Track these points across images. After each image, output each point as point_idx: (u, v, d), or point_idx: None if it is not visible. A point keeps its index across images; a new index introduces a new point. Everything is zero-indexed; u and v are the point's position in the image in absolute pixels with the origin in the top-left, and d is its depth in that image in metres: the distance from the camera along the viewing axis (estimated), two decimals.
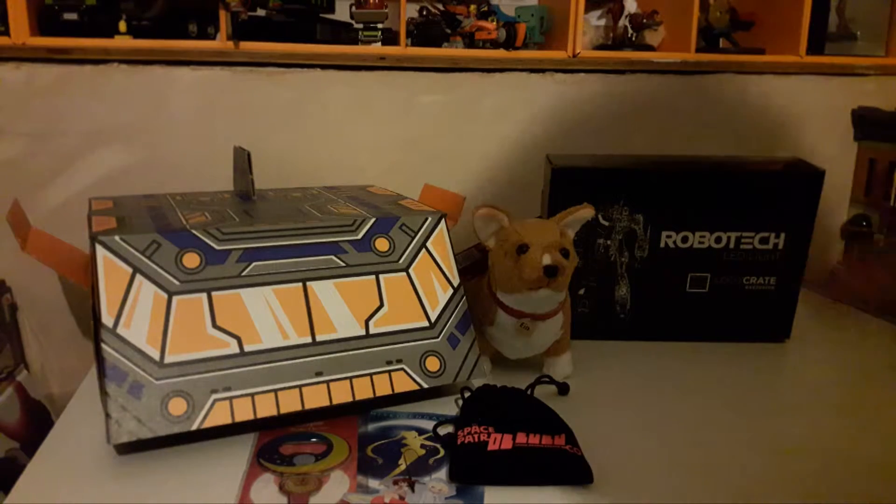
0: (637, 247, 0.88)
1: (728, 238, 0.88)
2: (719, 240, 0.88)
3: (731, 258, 0.89)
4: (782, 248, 0.88)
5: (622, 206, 0.87)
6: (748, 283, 0.90)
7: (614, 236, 0.88)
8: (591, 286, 0.90)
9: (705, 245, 0.88)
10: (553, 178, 0.87)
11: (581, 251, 0.87)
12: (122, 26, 0.99)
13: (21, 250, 0.69)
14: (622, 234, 0.88)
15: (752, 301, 0.90)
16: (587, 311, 0.91)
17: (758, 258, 0.89)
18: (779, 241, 0.88)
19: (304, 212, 0.77)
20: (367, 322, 0.69)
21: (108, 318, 0.61)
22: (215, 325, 0.64)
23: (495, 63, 1.11)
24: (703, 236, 0.88)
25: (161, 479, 0.59)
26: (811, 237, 0.88)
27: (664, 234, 0.88)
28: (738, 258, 0.89)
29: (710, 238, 0.88)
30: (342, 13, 1.12)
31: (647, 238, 0.88)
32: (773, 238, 0.88)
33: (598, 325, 0.91)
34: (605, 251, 0.89)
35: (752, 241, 0.88)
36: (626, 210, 0.87)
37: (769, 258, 0.89)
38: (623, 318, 0.91)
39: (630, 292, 0.90)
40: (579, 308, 0.90)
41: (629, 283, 0.90)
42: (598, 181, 0.87)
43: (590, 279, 0.90)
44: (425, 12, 1.14)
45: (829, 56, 1.22)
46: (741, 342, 0.91)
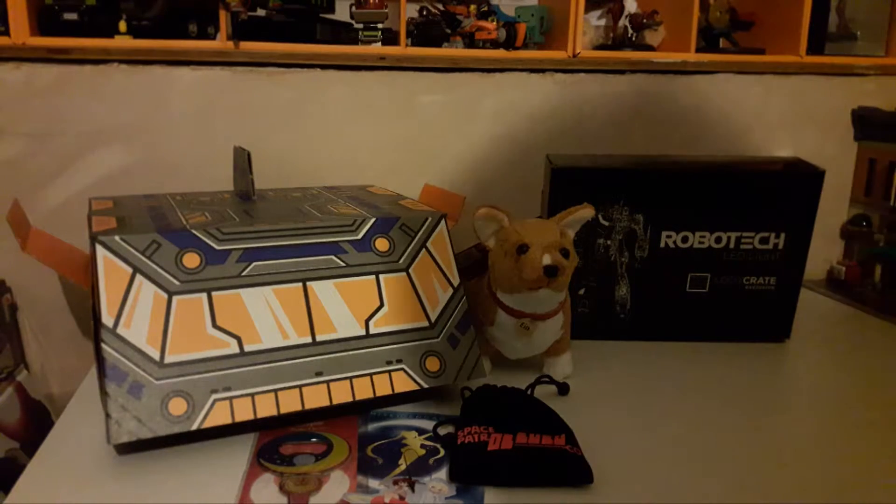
0: (637, 247, 0.88)
1: (728, 238, 0.88)
2: (719, 240, 0.88)
3: (731, 258, 0.89)
4: (782, 248, 0.88)
5: (622, 206, 0.87)
6: (748, 283, 0.90)
7: (614, 236, 0.88)
8: (591, 286, 0.90)
9: (705, 245, 0.88)
10: (553, 178, 0.87)
11: (581, 251, 0.87)
12: (122, 26, 0.99)
13: (21, 250, 0.69)
14: (622, 234, 0.88)
15: (752, 301, 0.90)
16: (587, 311, 0.91)
17: (758, 258, 0.89)
18: (779, 241, 0.88)
19: (304, 212, 0.77)
20: (367, 322, 0.69)
21: (108, 318, 0.61)
22: (215, 325, 0.64)
23: (495, 63, 1.11)
24: (703, 236, 0.88)
25: (161, 479, 0.59)
26: (811, 237, 0.88)
27: (664, 234, 0.88)
28: (738, 258, 0.89)
29: (710, 238, 0.88)
30: (342, 13, 1.12)
31: (647, 238, 0.88)
32: (773, 238, 0.88)
33: (598, 325, 0.91)
34: (605, 251, 0.89)
35: (752, 241, 0.88)
36: (626, 210, 0.87)
37: (769, 258, 0.89)
38: (623, 318, 0.91)
39: (630, 292, 0.90)
40: (579, 308, 0.90)
41: (629, 283, 0.90)
42: (598, 181, 0.87)
43: (590, 279, 0.90)
44: (425, 12, 1.14)
45: (829, 56, 1.22)
46: (741, 342, 0.91)
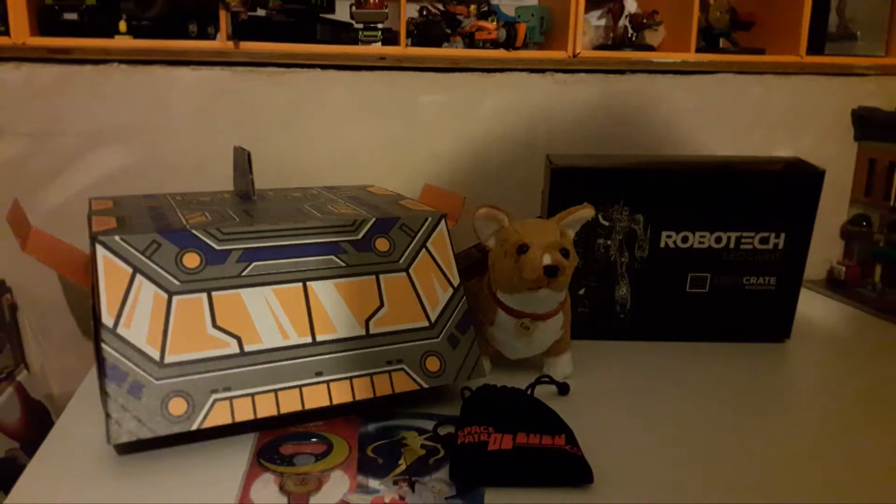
0: (637, 247, 0.88)
1: (728, 238, 0.88)
2: (719, 240, 0.88)
3: (731, 258, 0.89)
4: (782, 248, 0.88)
5: (622, 206, 0.87)
6: (748, 283, 0.90)
7: (614, 236, 0.88)
8: (591, 286, 0.90)
9: (705, 245, 0.88)
10: (553, 178, 0.87)
11: (581, 251, 0.87)
12: (122, 26, 0.99)
13: (21, 250, 0.69)
14: (622, 234, 0.88)
15: (752, 301, 0.90)
16: (587, 311, 0.91)
17: (758, 258, 0.89)
18: (779, 241, 0.88)
19: (304, 212, 0.77)
20: (367, 322, 0.69)
21: (108, 318, 0.61)
22: (215, 325, 0.64)
23: (495, 63, 1.11)
24: (703, 236, 0.88)
25: (161, 479, 0.59)
26: (811, 237, 0.88)
27: (664, 234, 0.88)
28: (738, 258, 0.89)
29: (710, 238, 0.88)
30: (342, 13, 1.12)
31: (647, 238, 0.88)
32: (773, 238, 0.88)
33: (598, 325, 0.91)
34: (605, 251, 0.89)
35: (752, 241, 0.88)
36: (626, 210, 0.87)
37: (769, 258, 0.89)
38: (623, 318, 0.91)
39: (630, 292, 0.90)
40: (579, 308, 0.90)
41: (629, 283, 0.90)
42: (598, 181, 0.87)
43: (590, 279, 0.90)
44: (425, 12, 1.14)
45: (829, 56, 1.22)
46: (741, 342, 0.91)
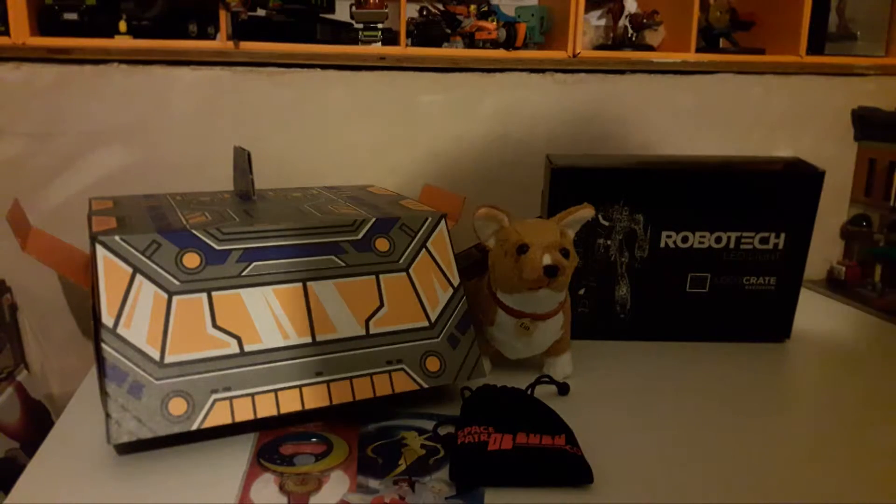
0: (637, 247, 0.88)
1: (728, 238, 0.88)
2: (719, 240, 0.88)
3: (731, 258, 0.89)
4: (782, 248, 0.88)
5: (622, 206, 0.87)
6: (748, 283, 0.90)
7: (614, 236, 0.88)
8: (591, 286, 0.90)
9: (705, 245, 0.88)
10: (553, 178, 0.87)
11: (581, 251, 0.87)
12: (122, 26, 0.99)
13: (21, 250, 0.69)
14: (622, 234, 0.88)
15: (752, 301, 0.90)
16: (587, 311, 0.91)
17: (758, 258, 0.89)
18: (779, 241, 0.88)
19: (304, 212, 0.77)
20: (367, 322, 0.69)
21: (108, 318, 0.61)
22: (215, 325, 0.64)
23: (495, 63, 1.11)
24: (703, 236, 0.88)
25: (161, 479, 0.59)
26: (811, 237, 0.88)
27: (664, 234, 0.88)
28: (738, 258, 0.89)
29: (710, 238, 0.88)
30: (342, 13, 1.12)
31: (647, 238, 0.88)
32: (773, 238, 0.88)
33: (598, 325, 0.91)
34: (605, 251, 0.89)
35: (752, 241, 0.88)
36: (626, 210, 0.87)
37: (769, 258, 0.89)
38: (623, 318, 0.91)
39: (630, 292, 0.90)
40: (579, 308, 0.90)
41: (629, 283, 0.90)
42: (598, 181, 0.87)
43: (590, 279, 0.90)
44: (425, 12, 1.14)
45: (829, 56, 1.22)
46: (741, 342, 0.91)
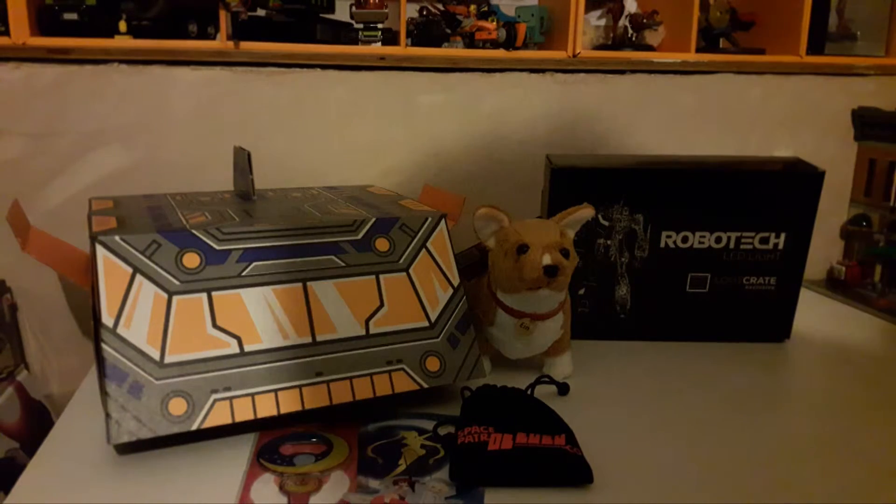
0: (637, 247, 0.88)
1: (728, 238, 0.88)
2: (719, 240, 0.88)
3: (731, 258, 0.89)
4: (782, 248, 0.88)
5: (622, 206, 0.87)
6: (748, 283, 0.90)
7: (614, 236, 0.88)
8: (591, 286, 0.90)
9: (705, 245, 0.88)
10: (553, 178, 0.87)
11: (581, 251, 0.87)
12: (122, 26, 0.99)
13: (21, 250, 0.69)
14: (622, 234, 0.88)
15: (752, 301, 0.90)
16: (587, 311, 0.91)
17: (758, 258, 0.89)
18: (779, 241, 0.88)
19: (304, 212, 0.77)
20: (367, 322, 0.69)
21: (108, 318, 0.61)
22: (215, 325, 0.64)
23: (495, 63, 1.11)
24: (703, 236, 0.88)
25: (161, 479, 0.59)
26: (811, 237, 0.88)
27: (664, 234, 0.88)
28: (738, 258, 0.89)
29: (710, 238, 0.88)
30: (342, 13, 1.12)
31: (647, 238, 0.88)
32: (773, 238, 0.88)
33: (598, 325, 0.91)
34: (605, 251, 0.89)
35: (752, 241, 0.88)
36: (626, 210, 0.87)
37: (769, 258, 0.89)
38: (623, 318, 0.91)
39: (630, 292, 0.90)
40: (579, 308, 0.90)
41: (629, 283, 0.90)
42: (598, 181, 0.87)
43: (590, 279, 0.90)
44: (425, 12, 1.14)
45: (829, 56, 1.22)
46: (741, 342, 0.91)
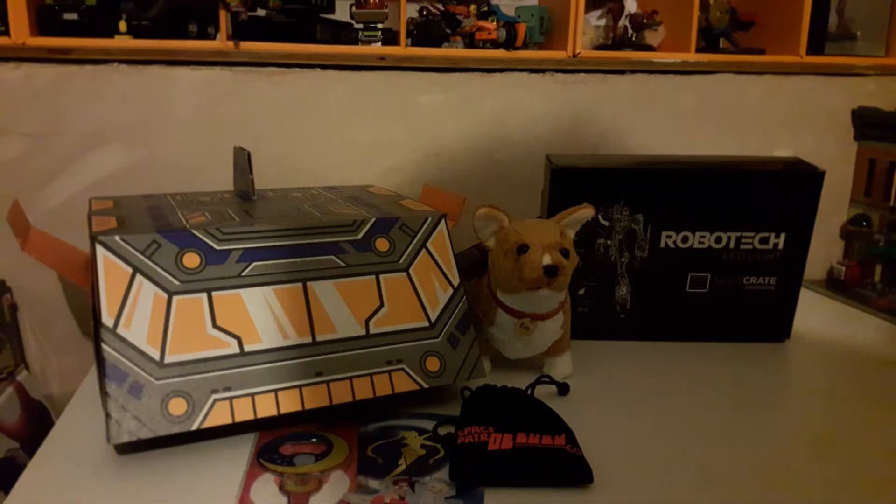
0: (637, 247, 0.88)
1: (728, 238, 0.88)
2: (719, 240, 0.88)
3: (731, 258, 0.89)
4: (782, 248, 0.88)
5: (622, 206, 0.87)
6: (748, 283, 0.90)
7: (614, 236, 0.88)
8: (591, 286, 0.90)
9: (705, 245, 0.88)
10: (553, 178, 0.87)
11: (581, 251, 0.87)
12: (122, 26, 0.99)
13: (21, 250, 0.69)
14: (622, 234, 0.88)
15: (752, 301, 0.90)
16: (587, 311, 0.91)
17: (758, 258, 0.89)
18: (779, 241, 0.88)
19: (304, 212, 0.77)
20: (367, 322, 0.69)
21: (108, 318, 0.61)
22: (215, 325, 0.64)
23: (495, 63, 1.11)
24: (703, 236, 0.88)
25: (161, 479, 0.59)
26: (811, 237, 0.88)
27: (664, 234, 0.88)
28: (738, 258, 0.89)
29: (710, 238, 0.88)
30: (342, 13, 1.12)
31: (647, 238, 0.88)
32: (773, 238, 0.88)
33: (598, 325, 0.91)
34: (605, 251, 0.89)
35: (752, 241, 0.88)
36: (626, 210, 0.87)
37: (769, 258, 0.89)
38: (623, 318, 0.91)
39: (630, 292, 0.90)
40: (579, 308, 0.90)
41: (629, 283, 0.90)
42: (598, 181, 0.87)
43: (590, 279, 0.90)
44: (425, 12, 1.14)
45: (829, 56, 1.22)
46: (741, 342, 0.91)
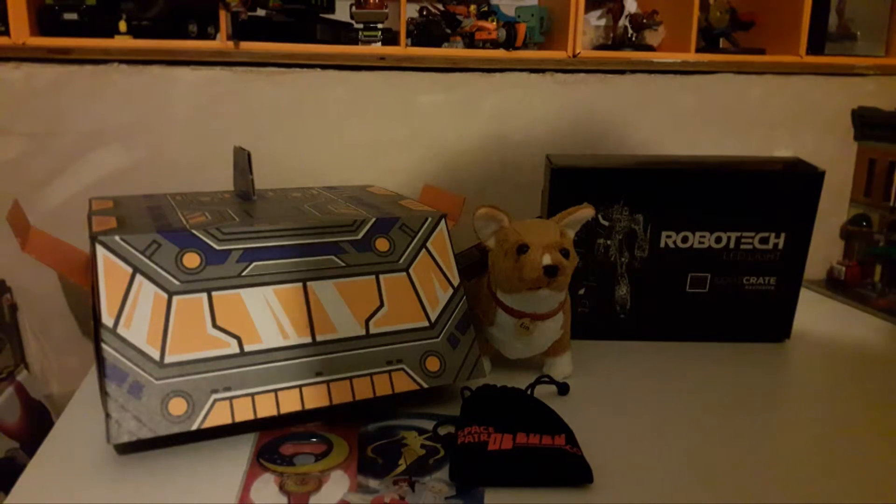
0: (637, 247, 0.88)
1: (728, 238, 0.88)
2: (719, 240, 0.88)
3: (731, 258, 0.89)
4: (782, 248, 0.88)
5: (622, 206, 0.87)
6: (748, 283, 0.90)
7: (614, 236, 0.88)
8: (591, 286, 0.90)
9: (705, 245, 0.88)
10: (553, 178, 0.87)
11: (581, 251, 0.87)
12: (122, 26, 0.99)
13: (21, 250, 0.69)
14: (622, 234, 0.88)
15: (752, 301, 0.90)
16: (587, 311, 0.91)
17: (758, 258, 0.89)
18: (779, 241, 0.88)
19: (304, 212, 0.77)
20: (367, 322, 0.69)
21: (108, 318, 0.61)
22: (215, 325, 0.64)
23: (495, 63, 1.11)
24: (703, 236, 0.88)
25: (161, 479, 0.59)
26: (811, 237, 0.88)
27: (664, 234, 0.88)
28: (738, 258, 0.89)
29: (710, 238, 0.88)
30: (342, 13, 1.12)
31: (647, 238, 0.88)
32: (773, 238, 0.88)
33: (598, 325, 0.91)
34: (605, 251, 0.89)
35: (752, 241, 0.88)
36: (626, 210, 0.87)
37: (769, 258, 0.89)
38: (623, 318, 0.91)
39: (630, 292, 0.90)
40: (579, 308, 0.90)
41: (629, 283, 0.90)
42: (598, 181, 0.87)
43: (590, 279, 0.90)
44: (425, 12, 1.14)
45: (829, 56, 1.22)
46: (741, 342, 0.91)
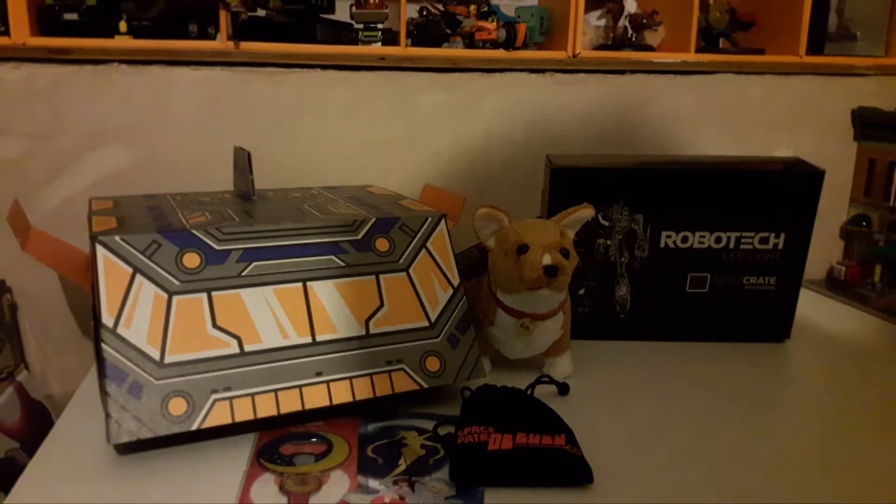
0: (637, 247, 0.88)
1: (728, 238, 0.88)
2: (719, 240, 0.88)
3: (731, 258, 0.89)
4: (782, 248, 0.88)
5: (622, 206, 0.87)
6: (748, 283, 0.90)
7: (614, 236, 0.88)
8: (591, 286, 0.90)
9: (705, 245, 0.88)
10: (553, 178, 0.87)
11: (581, 251, 0.87)
12: (123, 26, 0.99)
13: (21, 250, 0.69)
14: (622, 234, 0.88)
15: (752, 301, 0.90)
16: (587, 311, 0.91)
17: (758, 258, 0.89)
18: (779, 241, 0.88)
19: (304, 212, 0.77)
20: (367, 322, 0.69)
21: (108, 318, 0.61)
22: (215, 325, 0.64)
23: (495, 63, 1.11)
24: (703, 236, 0.88)
25: (161, 479, 0.59)
26: (811, 237, 0.88)
27: (664, 234, 0.88)
28: (738, 258, 0.89)
29: (710, 238, 0.88)
30: (342, 13, 1.12)
31: (647, 238, 0.88)
32: (773, 238, 0.88)
33: (598, 325, 0.91)
34: (605, 251, 0.89)
35: (752, 241, 0.88)
36: (626, 210, 0.87)
37: (769, 258, 0.89)
38: (623, 318, 0.91)
39: (630, 292, 0.90)
40: (579, 308, 0.90)
41: (629, 283, 0.90)
42: (598, 181, 0.87)
43: (590, 279, 0.90)
44: (425, 12, 1.14)
45: (829, 56, 1.22)
46: (741, 342, 0.91)
